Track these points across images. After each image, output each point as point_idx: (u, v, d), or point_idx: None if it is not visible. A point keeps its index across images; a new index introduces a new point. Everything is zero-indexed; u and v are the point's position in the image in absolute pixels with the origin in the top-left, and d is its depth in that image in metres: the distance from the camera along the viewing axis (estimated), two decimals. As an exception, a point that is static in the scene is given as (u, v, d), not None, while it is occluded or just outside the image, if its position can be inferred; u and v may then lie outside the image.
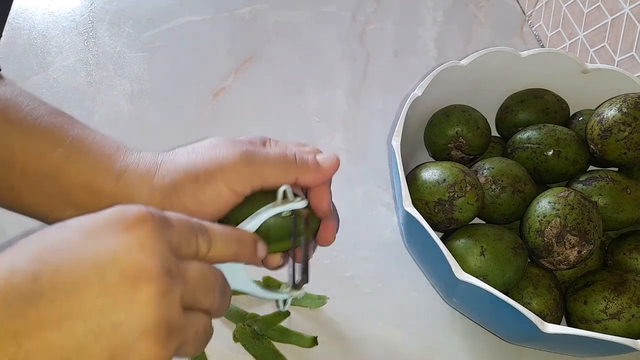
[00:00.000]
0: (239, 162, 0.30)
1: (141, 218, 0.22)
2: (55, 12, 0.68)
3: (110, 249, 0.21)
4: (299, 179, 0.31)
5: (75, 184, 0.30)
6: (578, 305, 0.41)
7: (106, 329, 0.20)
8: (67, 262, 0.21)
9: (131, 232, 0.22)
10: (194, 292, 0.24)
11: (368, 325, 0.45)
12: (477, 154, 0.49)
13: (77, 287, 0.20)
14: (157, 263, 0.22)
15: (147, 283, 0.21)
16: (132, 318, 0.21)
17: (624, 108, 0.43)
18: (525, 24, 0.71)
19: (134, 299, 0.21)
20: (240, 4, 0.70)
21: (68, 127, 0.31)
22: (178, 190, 0.30)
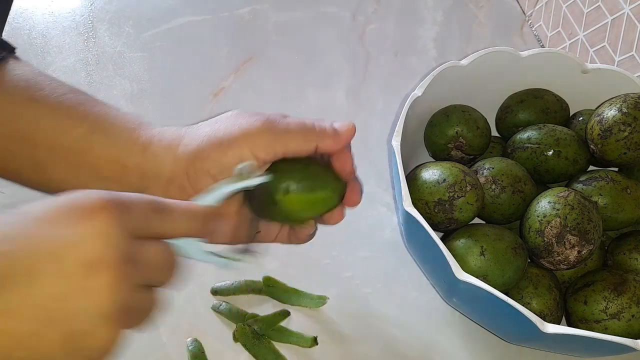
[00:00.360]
0: (262, 128, 0.31)
1: (97, 205, 0.22)
2: (55, 12, 0.68)
3: (67, 237, 0.21)
4: (319, 145, 0.32)
5: (102, 157, 0.31)
6: (578, 305, 0.41)
7: (62, 316, 0.21)
8: (22, 250, 0.21)
9: (88, 220, 0.22)
10: (149, 273, 0.24)
11: (368, 325, 0.45)
12: (477, 154, 0.49)
13: (33, 275, 0.21)
14: (114, 251, 0.22)
15: (104, 271, 0.21)
16: (88, 305, 0.21)
17: (624, 108, 0.43)
18: (525, 24, 0.71)
19: (91, 287, 0.21)
20: (240, 4, 0.70)
21: (90, 103, 0.32)
22: (202, 156, 0.31)
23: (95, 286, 0.21)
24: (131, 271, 0.22)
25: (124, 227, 0.22)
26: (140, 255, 0.23)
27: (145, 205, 0.24)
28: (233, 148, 0.30)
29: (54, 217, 0.22)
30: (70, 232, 0.21)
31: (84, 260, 0.21)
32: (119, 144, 0.32)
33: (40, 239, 0.21)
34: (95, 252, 0.21)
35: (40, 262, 0.21)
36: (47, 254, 0.21)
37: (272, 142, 0.31)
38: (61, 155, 0.31)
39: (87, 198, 0.22)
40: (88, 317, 0.21)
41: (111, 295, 0.21)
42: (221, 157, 0.30)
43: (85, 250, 0.21)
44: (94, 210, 0.22)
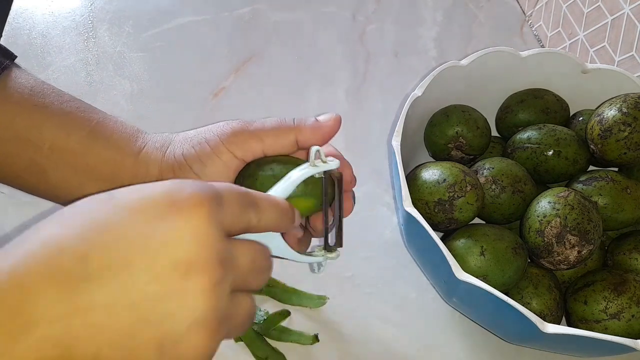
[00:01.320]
0: (236, 128, 0.31)
1: (195, 201, 0.21)
2: (55, 12, 0.68)
3: (163, 234, 0.20)
4: (299, 139, 0.31)
5: (100, 160, 0.32)
6: (578, 305, 0.41)
7: (156, 318, 0.20)
8: (117, 243, 0.20)
9: (184, 218, 0.21)
10: (244, 277, 0.23)
11: (368, 325, 0.45)
12: (477, 154, 0.49)
13: (127, 271, 0.20)
14: (211, 254, 0.21)
15: (200, 274, 0.20)
16: (183, 309, 0.20)
17: (624, 108, 0.43)
18: (525, 24, 0.71)
19: (186, 290, 0.20)
20: (241, 4, 0.70)
21: (91, 111, 0.33)
22: (186, 159, 0.31)
23: (190, 290, 0.20)
24: (226, 276, 0.21)
25: (220, 224, 0.22)
26: (236, 259, 0.22)
27: (238, 196, 0.23)
28: (213, 149, 0.31)
29: (149, 209, 0.21)
30: (166, 227, 0.20)
31: (180, 261, 0.20)
32: (116, 148, 0.32)
33: (135, 232, 0.20)
34: (192, 252, 0.20)
35: (134, 257, 0.20)
36: (143, 251, 0.20)
37: (247, 140, 0.31)
38: (62, 158, 0.32)
39: (183, 191, 0.21)
40: (182, 322, 0.20)
41: (206, 301, 0.20)
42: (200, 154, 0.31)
43: (181, 250, 0.20)
44: (191, 205, 0.21)
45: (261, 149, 0.31)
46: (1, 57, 0.32)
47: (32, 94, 0.32)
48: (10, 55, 0.33)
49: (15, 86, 0.32)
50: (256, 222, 0.24)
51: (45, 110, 0.32)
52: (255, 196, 0.25)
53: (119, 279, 0.20)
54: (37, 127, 0.31)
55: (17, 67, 0.33)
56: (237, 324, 0.23)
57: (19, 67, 0.34)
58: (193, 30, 0.67)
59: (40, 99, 0.32)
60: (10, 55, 0.33)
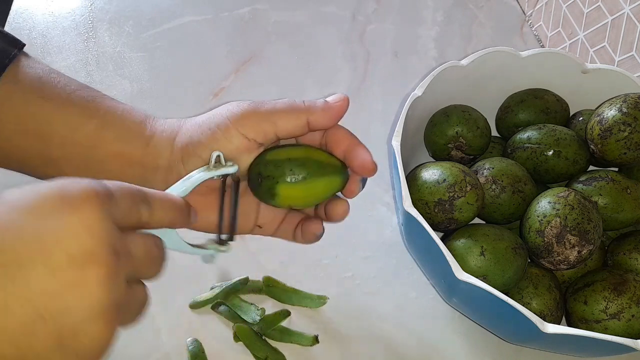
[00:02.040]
0: (248, 110, 0.31)
1: (85, 196, 0.21)
2: (55, 12, 0.68)
3: (56, 230, 0.21)
4: (310, 121, 0.32)
5: (110, 152, 0.32)
6: (578, 305, 0.41)
7: (54, 313, 0.20)
8: (10, 243, 0.20)
9: (76, 212, 0.21)
10: (138, 267, 0.24)
11: (368, 325, 0.45)
12: (477, 154, 0.49)
13: (22, 269, 0.20)
14: (105, 246, 0.21)
15: (96, 267, 0.21)
16: (80, 302, 0.21)
17: (624, 108, 0.43)
18: (525, 24, 0.71)
19: (82, 283, 0.20)
20: (241, 4, 0.70)
21: (99, 99, 0.33)
22: (196, 144, 0.31)
23: (86, 281, 0.21)
24: (121, 264, 0.22)
25: (111, 217, 0.22)
26: (130, 249, 0.23)
27: (129, 194, 0.24)
28: (223, 133, 0.31)
29: (41, 207, 0.21)
30: (58, 224, 0.21)
31: (73, 254, 0.21)
32: (126, 138, 0.32)
33: (29, 230, 0.20)
34: (85, 245, 0.21)
35: (29, 254, 0.20)
36: (37, 247, 0.20)
37: (259, 122, 0.31)
38: (73, 151, 0.32)
39: (73, 187, 0.22)
40: (80, 314, 0.21)
41: (103, 291, 0.21)
42: (212, 142, 0.31)
43: (75, 244, 0.21)
44: (82, 200, 0.21)
45: (273, 131, 0.31)
46: (9, 46, 0.32)
47: (40, 85, 0.32)
48: (17, 43, 0.32)
49: (24, 77, 0.32)
50: (148, 217, 0.25)
51: (52, 102, 0.32)
52: (147, 194, 0.25)
53: (14, 278, 0.20)
54: (46, 121, 0.31)
55: (25, 56, 0.33)
56: (132, 312, 0.24)
57: (27, 55, 0.33)
58: (193, 30, 0.67)
59: (48, 91, 0.32)
60: (18, 43, 0.32)
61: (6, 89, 0.31)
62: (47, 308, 0.20)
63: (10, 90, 0.31)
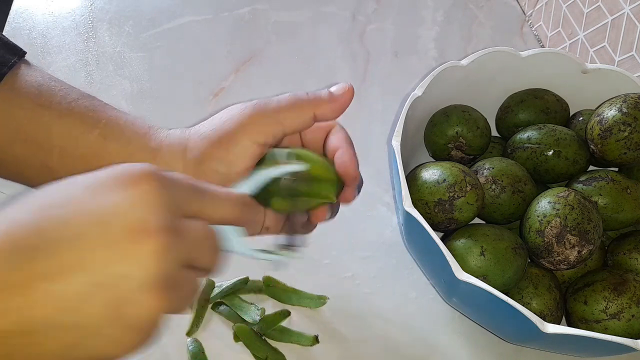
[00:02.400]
0: (253, 114, 0.31)
1: (146, 175, 0.22)
2: (55, 12, 0.68)
3: (113, 204, 0.21)
4: (317, 114, 0.31)
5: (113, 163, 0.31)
6: (578, 305, 0.41)
7: (108, 281, 0.21)
8: (71, 215, 0.21)
9: (135, 188, 0.22)
10: (192, 251, 0.24)
11: (368, 325, 0.45)
12: (477, 154, 0.49)
13: (80, 240, 0.21)
14: (160, 219, 0.22)
15: (149, 238, 0.21)
16: (133, 271, 0.21)
17: (624, 108, 0.43)
18: (525, 24, 0.71)
19: (136, 253, 0.21)
20: (240, 4, 0.70)
21: (101, 109, 0.32)
22: (207, 158, 0.31)
23: (140, 253, 0.21)
24: (175, 243, 0.22)
25: (170, 198, 0.23)
26: (185, 230, 0.23)
27: (187, 183, 0.24)
28: (233, 142, 0.31)
29: (101, 185, 0.22)
30: (116, 198, 0.22)
31: (129, 227, 0.21)
32: (130, 149, 0.32)
33: (88, 205, 0.21)
34: (141, 218, 0.21)
35: (88, 227, 0.21)
36: (95, 220, 0.21)
37: (267, 125, 0.31)
38: (73, 162, 0.31)
39: (133, 167, 0.23)
40: (132, 284, 0.21)
41: (155, 263, 0.21)
42: (225, 156, 0.31)
43: (131, 217, 0.21)
44: (141, 178, 0.22)
45: (281, 131, 0.31)
46: (9, 54, 0.31)
47: (39, 93, 0.31)
48: (18, 51, 0.32)
49: (23, 86, 0.31)
50: (211, 210, 0.25)
51: (52, 111, 0.31)
52: (204, 187, 0.25)
53: (73, 248, 0.21)
54: (45, 131, 0.31)
55: (25, 64, 0.32)
56: (182, 296, 0.24)
57: (28, 63, 0.33)
58: (193, 30, 0.67)
59: (47, 99, 0.31)
60: (19, 51, 0.32)
61: (4, 96, 0.30)
62: (102, 277, 0.21)
63: (8, 98, 0.30)
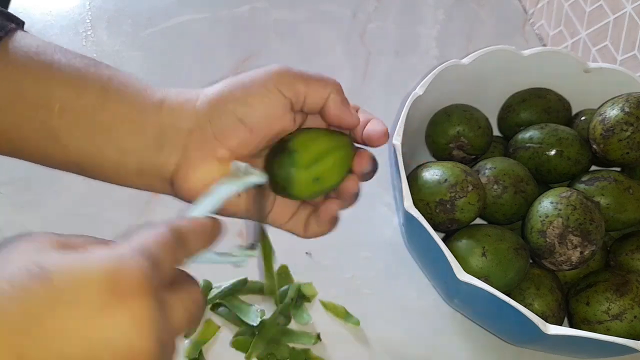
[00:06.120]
0: (282, 68, 0.31)
1: (136, 286, 0.21)
2: (53, 12, 0.68)
3: (103, 328, 0.20)
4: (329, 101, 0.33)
5: (117, 117, 0.30)
6: (580, 306, 0.41)
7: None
8: (54, 340, 0.20)
9: (126, 308, 0.20)
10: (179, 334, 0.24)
11: (368, 325, 0.45)
12: (478, 154, 0.49)
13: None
14: (151, 341, 0.21)
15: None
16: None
17: (627, 108, 0.43)
18: (527, 22, 0.71)
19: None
20: (240, 2, 0.70)
21: (101, 67, 0.32)
22: (225, 99, 0.30)
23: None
24: (166, 348, 0.22)
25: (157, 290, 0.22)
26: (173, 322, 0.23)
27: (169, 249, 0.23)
28: (256, 84, 0.30)
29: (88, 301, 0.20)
30: (106, 322, 0.20)
31: (119, 354, 0.20)
32: (133, 102, 0.31)
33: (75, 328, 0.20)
34: (133, 344, 0.20)
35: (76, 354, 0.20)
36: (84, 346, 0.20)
37: (293, 80, 0.31)
38: (74, 118, 0.30)
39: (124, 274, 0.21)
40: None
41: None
42: (246, 96, 0.30)
43: (122, 343, 0.20)
44: (133, 292, 0.21)
45: (304, 93, 0.31)
46: (6, 21, 0.31)
47: (38, 52, 0.30)
48: (16, 19, 0.31)
49: (21, 46, 0.30)
50: (186, 258, 0.25)
51: (52, 68, 0.30)
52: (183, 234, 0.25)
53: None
54: (45, 88, 0.30)
55: (22, 31, 0.32)
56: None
57: (25, 31, 0.32)
58: (192, 28, 0.67)
59: (47, 57, 0.30)
60: (17, 20, 0.31)
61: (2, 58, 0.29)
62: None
63: (6, 60, 0.30)
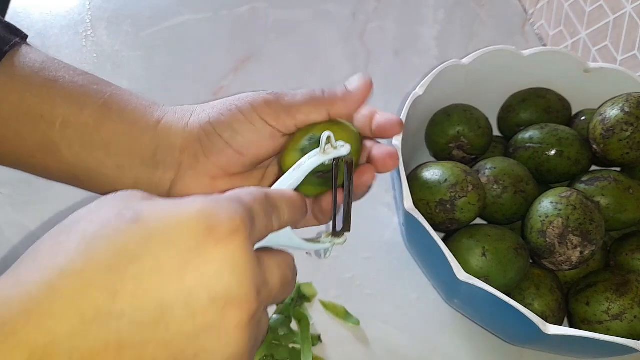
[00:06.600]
0: (267, 99, 0.31)
1: (232, 229, 0.20)
2: (53, 11, 0.68)
3: (198, 269, 0.19)
4: (331, 111, 0.31)
5: (115, 133, 0.31)
6: (580, 306, 0.41)
7: (190, 354, 0.19)
8: (149, 278, 0.19)
9: (221, 250, 0.19)
10: (274, 298, 0.23)
11: (368, 326, 0.45)
12: (478, 154, 0.49)
13: (161, 311, 0.19)
14: (249, 288, 0.20)
15: (237, 309, 0.20)
16: (218, 344, 0.19)
17: (627, 108, 0.43)
18: (527, 22, 0.71)
19: (222, 325, 0.19)
20: (240, 2, 0.70)
21: (104, 84, 0.33)
22: (215, 123, 0.31)
23: (228, 325, 0.19)
24: (261, 305, 0.21)
25: (253, 243, 0.21)
26: (268, 279, 0.22)
27: (263, 208, 0.23)
28: (243, 113, 0.31)
29: (183, 240, 0.19)
30: (202, 261, 0.19)
31: (217, 296, 0.19)
32: (132, 119, 0.31)
33: (171, 267, 0.19)
34: (231, 287, 0.19)
35: (171, 296, 0.19)
36: (178, 286, 0.19)
37: (279, 114, 0.30)
38: (75, 133, 0.31)
39: (219, 217, 0.20)
40: (217, 357, 0.20)
41: (243, 335, 0.20)
42: (232, 121, 0.30)
43: (218, 284, 0.19)
44: (229, 233, 0.20)
45: (293, 124, 0.31)
46: (10, 34, 0.31)
47: (43, 68, 0.31)
48: (20, 33, 0.32)
49: (26, 61, 0.31)
50: (278, 226, 0.24)
51: (56, 84, 0.31)
52: (275, 199, 0.24)
53: (152, 317, 0.19)
54: (48, 102, 0.30)
55: (26, 45, 0.32)
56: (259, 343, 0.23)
57: (29, 45, 0.33)
58: (192, 29, 0.67)
59: (51, 73, 0.31)
60: (21, 33, 0.32)
61: (5, 71, 0.30)
62: (184, 349, 0.19)
63: (11, 73, 0.30)
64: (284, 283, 0.23)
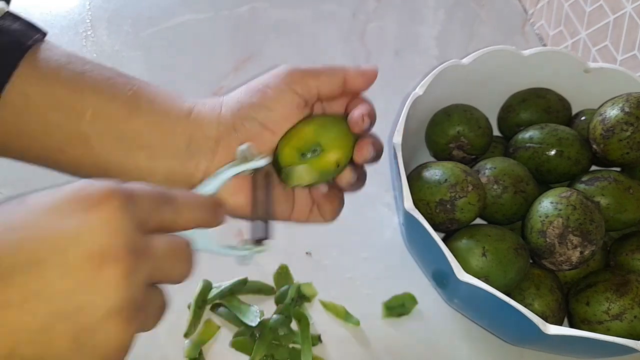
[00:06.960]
0: (290, 69, 0.33)
1: (106, 195, 0.21)
2: (53, 11, 0.68)
3: (73, 228, 0.21)
4: (347, 80, 0.33)
5: (147, 124, 0.31)
6: (580, 306, 0.41)
7: (70, 311, 0.20)
8: (27, 241, 0.20)
9: (95, 211, 0.21)
10: (159, 268, 0.23)
11: (368, 326, 0.45)
12: (478, 154, 0.49)
13: (39, 268, 0.20)
14: (122, 243, 0.21)
15: (112, 264, 0.21)
16: (96, 299, 0.20)
17: (627, 108, 0.43)
18: (527, 22, 0.71)
19: (98, 281, 0.20)
20: (240, 2, 0.70)
21: (130, 77, 0.33)
22: (248, 107, 0.32)
23: (104, 279, 0.20)
24: (140, 265, 0.22)
25: (132, 217, 0.22)
26: (151, 248, 0.23)
27: (151, 195, 0.24)
28: (273, 89, 0.32)
29: (59, 207, 0.21)
30: (76, 222, 0.21)
31: (91, 252, 0.20)
32: (163, 109, 0.32)
33: (45, 229, 0.20)
34: (103, 243, 0.21)
35: (45, 253, 0.20)
36: (54, 246, 0.20)
37: (304, 77, 0.32)
38: (106, 125, 0.31)
39: (92, 187, 0.22)
40: (96, 313, 0.20)
41: (119, 290, 0.21)
42: (264, 101, 0.32)
43: (92, 242, 0.21)
44: (101, 199, 0.21)
45: (317, 86, 0.33)
46: (32, 31, 0.31)
47: (69, 62, 0.31)
48: (40, 30, 0.32)
49: (51, 55, 0.31)
50: (173, 219, 0.25)
51: (84, 76, 0.31)
52: (171, 195, 0.25)
53: (30, 276, 0.20)
54: (77, 93, 0.31)
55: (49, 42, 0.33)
56: (151, 314, 0.23)
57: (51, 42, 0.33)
58: (192, 28, 0.67)
59: (77, 66, 0.31)
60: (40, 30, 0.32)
61: (31, 64, 0.30)
62: (64, 306, 0.20)
63: (38, 68, 0.30)
64: (172, 256, 0.24)
